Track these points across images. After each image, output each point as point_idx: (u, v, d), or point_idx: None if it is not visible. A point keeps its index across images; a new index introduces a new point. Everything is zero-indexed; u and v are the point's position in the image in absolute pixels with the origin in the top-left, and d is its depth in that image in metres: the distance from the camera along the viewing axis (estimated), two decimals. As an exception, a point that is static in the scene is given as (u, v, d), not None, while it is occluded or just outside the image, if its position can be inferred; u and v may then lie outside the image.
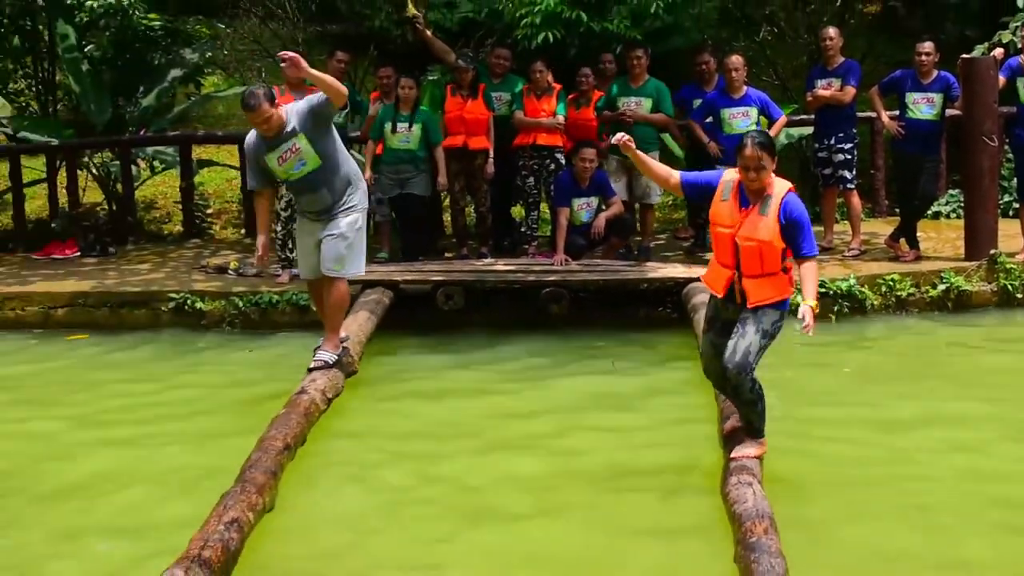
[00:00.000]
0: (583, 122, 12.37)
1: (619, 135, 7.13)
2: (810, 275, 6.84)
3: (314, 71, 8.49)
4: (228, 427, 8.39)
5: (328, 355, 8.95)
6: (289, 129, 8.65)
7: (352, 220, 8.90)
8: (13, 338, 11.47)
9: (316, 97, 8.65)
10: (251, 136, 8.90)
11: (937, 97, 11.68)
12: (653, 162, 7.46)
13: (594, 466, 7.48)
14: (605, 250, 12.07)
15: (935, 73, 11.70)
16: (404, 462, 7.64)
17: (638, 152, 7.10)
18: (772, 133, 11.60)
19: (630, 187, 12.43)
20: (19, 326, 11.78)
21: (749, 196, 6.86)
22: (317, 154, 8.69)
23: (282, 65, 8.65)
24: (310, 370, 8.80)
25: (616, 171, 12.30)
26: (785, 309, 7.00)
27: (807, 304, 6.73)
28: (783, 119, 11.95)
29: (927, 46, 11.69)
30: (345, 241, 8.84)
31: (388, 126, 12.10)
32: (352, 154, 10.02)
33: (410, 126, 12.10)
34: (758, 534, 5.70)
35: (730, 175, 6.97)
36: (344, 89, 8.65)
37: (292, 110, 8.71)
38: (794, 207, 6.79)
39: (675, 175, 7.21)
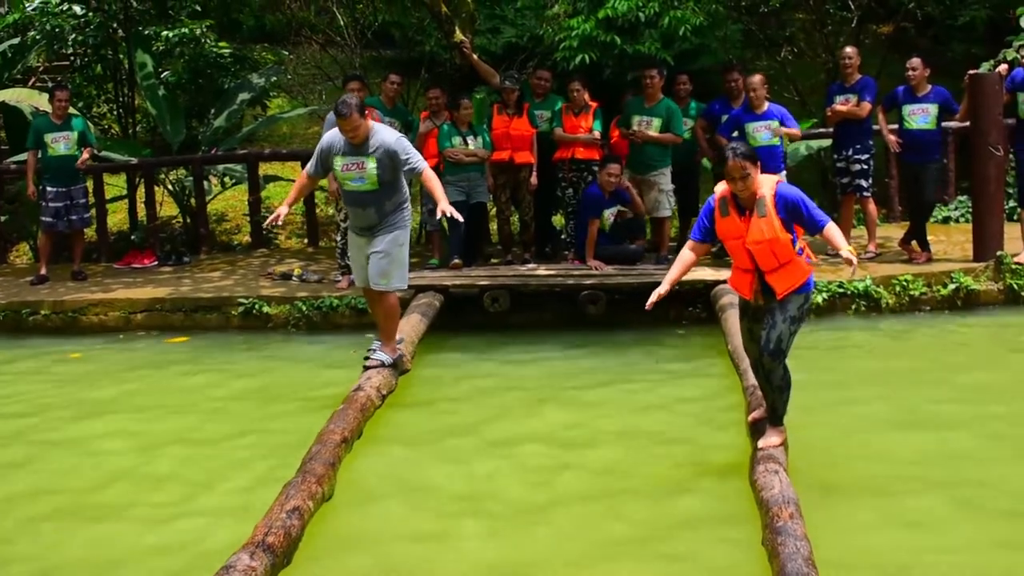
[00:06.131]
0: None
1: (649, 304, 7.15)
2: (833, 234, 6.69)
3: (441, 193, 8.69)
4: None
5: (385, 356, 8.89)
6: (367, 148, 8.54)
7: (393, 237, 8.79)
8: (128, 342, 11.55)
9: (410, 158, 8.58)
10: (334, 133, 8.74)
11: (932, 108, 11.52)
12: (673, 274, 7.22)
13: (627, 452, 7.44)
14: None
15: (929, 87, 11.56)
16: (454, 454, 7.57)
17: (661, 292, 7.17)
18: (785, 131, 11.44)
19: (641, 201, 12.25)
20: (102, 330, 11.82)
21: (743, 203, 6.75)
22: (378, 180, 8.59)
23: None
24: (366, 368, 8.76)
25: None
26: (809, 290, 6.90)
27: (844, 252, 6.59)
28: (796, 131, 11.71)
29: (914, 61, 11.57)
30: (388, 257, 8.76)
31: (457, 140, 12.05)
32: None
33: (476, 137, 12.12)
34: (784, 519, 5.62)
35: (718, 191, 6.87)
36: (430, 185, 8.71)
37: (381, 134, 8.62)
38: (787, 195, 6.68)
39: (688, 253, 7.10)
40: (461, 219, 8.98)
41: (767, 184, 6.74)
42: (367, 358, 8.91)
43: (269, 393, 9.29)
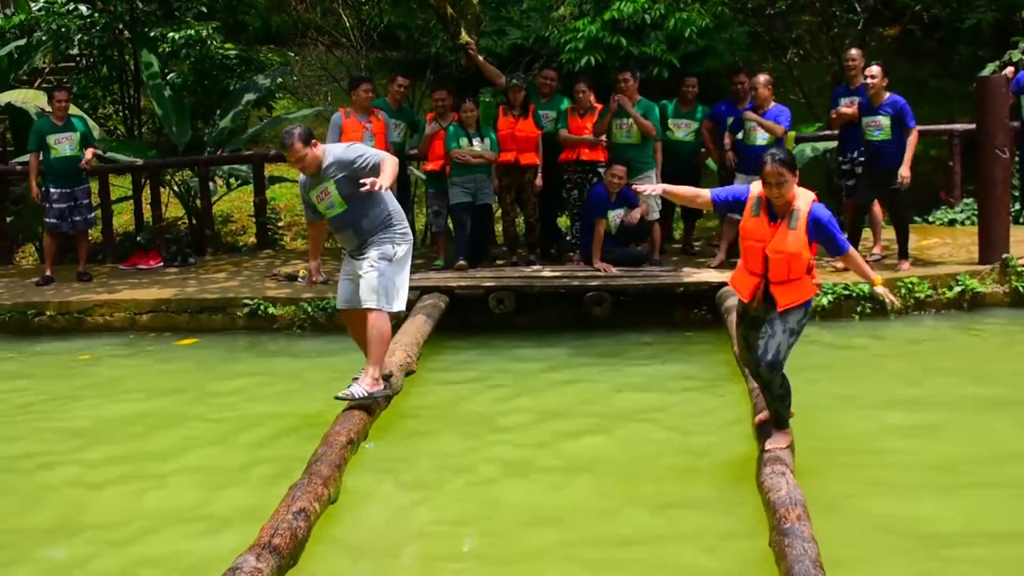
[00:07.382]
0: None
1: (643, 187, 7.33)
2: (857, 261, 6.89)
3: (389, 175, 7.83)
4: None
5: (359, 389, 7.86)
6: (325, 173, 8.07)
7: (382, 252, 8.12)
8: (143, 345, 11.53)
9: (363, 158, 7.99)
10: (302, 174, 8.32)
11: (884, 120, 11.21)
12: (678, 188, 7.33)
13: (634, 455, 7.41)
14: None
15: (886, 95, 11.25)
16: (459, 456, 7.55)
17: (666, 187, 7.26)
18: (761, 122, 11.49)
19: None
20: (107, 330, 11.82)
21: (776, 210, 6.72)
22: (343, 199, 8.06)
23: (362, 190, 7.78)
24: (336, 398, 7.85)
25: None
26: (810, 305, 6.89)
27: (879, 289, 6.89)
28: (777, 128, 11.47)
29: (872, 69, 11.23)
30: (376, 271, 8.00)
31: (464, 141, 12.02)
32: (411, 170, 9.88)
33: (482, 139, 12.10)
34: (791, 520, 5.59)
35: (756, 189, 6.82)
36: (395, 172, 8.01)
37: (333, 155, 8.10)
38: (820, 216, 6.65)
39: (704, 193, 7.07)
40: (382, 187, 7.81)
41: (804, 198, 6.70)
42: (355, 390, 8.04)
43: (273, 394, 9.27)
